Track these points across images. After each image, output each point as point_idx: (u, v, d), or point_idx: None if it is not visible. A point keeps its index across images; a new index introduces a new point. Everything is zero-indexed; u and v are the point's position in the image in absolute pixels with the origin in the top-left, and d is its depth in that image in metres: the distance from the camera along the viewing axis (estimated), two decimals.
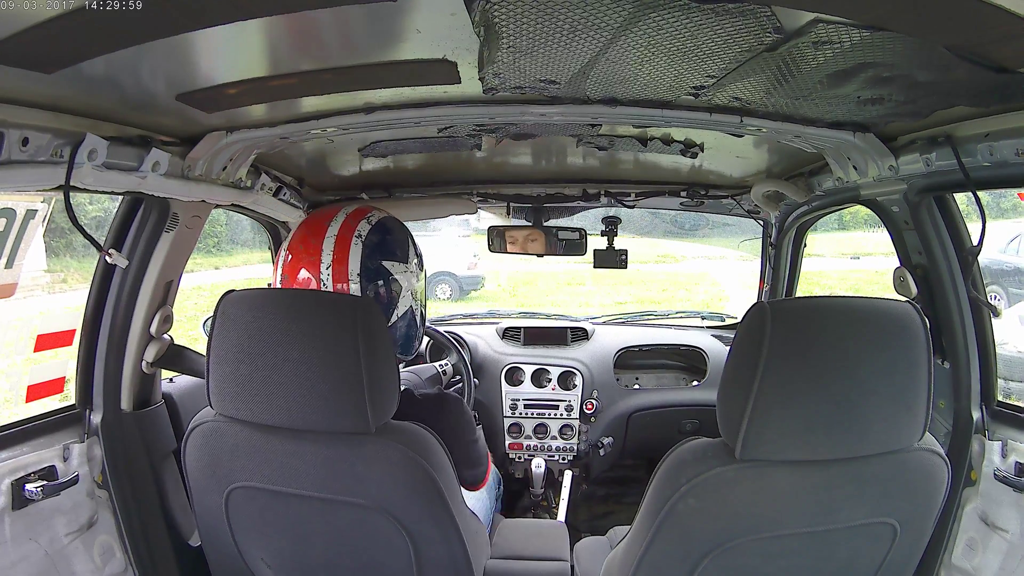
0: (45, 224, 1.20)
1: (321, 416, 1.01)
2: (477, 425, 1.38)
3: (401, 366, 1.92)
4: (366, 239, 1.17)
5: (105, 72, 0.91)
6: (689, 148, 1.65)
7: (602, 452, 2.42)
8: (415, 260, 1.24)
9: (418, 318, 1.27)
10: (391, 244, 1.20)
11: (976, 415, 1.42)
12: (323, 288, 1.15)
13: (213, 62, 0.98)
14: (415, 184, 2.17)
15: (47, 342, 1.49)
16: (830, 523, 1.01)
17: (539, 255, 2.33)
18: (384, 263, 1.17)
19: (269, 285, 1.30)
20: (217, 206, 1.54)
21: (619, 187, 2.19)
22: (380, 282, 1.17)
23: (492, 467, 2.03)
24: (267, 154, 1.49)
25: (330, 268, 1.15)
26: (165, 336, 1.49)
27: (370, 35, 0.91)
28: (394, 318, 1.21)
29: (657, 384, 2.60)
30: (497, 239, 2.32)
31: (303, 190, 1.95)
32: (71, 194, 1.04)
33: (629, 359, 2.58)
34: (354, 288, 1.15)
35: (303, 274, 1.16)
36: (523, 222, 2.34)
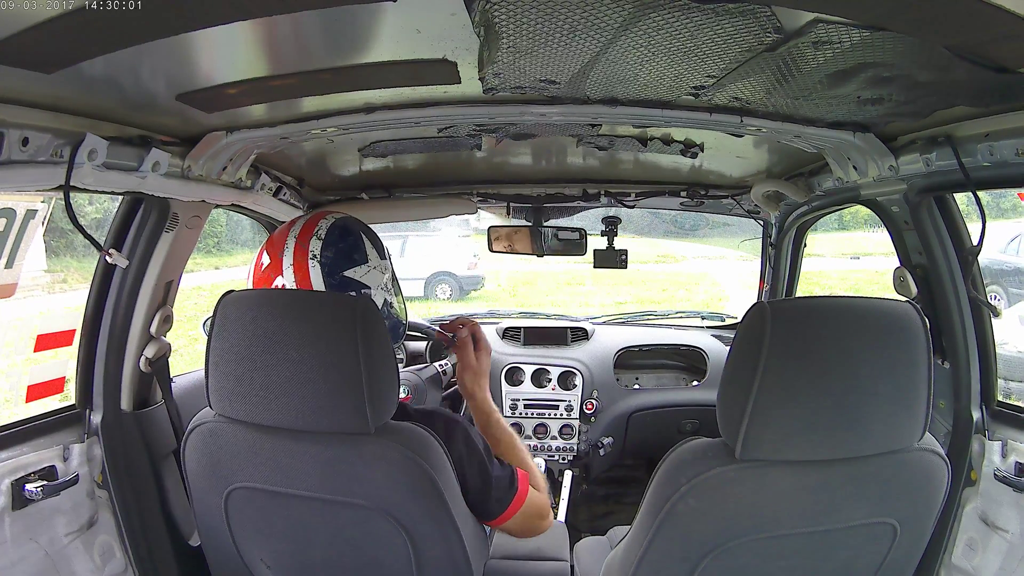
0: (45, 224, 1.20)
1: (320, 416, 1.01)
2: None
3: (400, 366, 1.92)
4: (321, 258, 1.16)
5: (105, 72, 0.91)
6: (689, 148, 1.65)
7: (602, 452, 2.42)
8: (375, 254, 1.22)
9: (396, 307, 1.26)
10: (345, 252, 1.18)
11: (976, 415, 1.42)
12: None
13: (213, 62, 0.97)
14: (415, 184, 2.17)
15: (47, 342, 1.49)
16: (830, 523, 1.01)
17: (539, 255, 2.33)
18: (345, 274, 1.17)
19: None
20: (217, 206, 1.54)
21: (619, 187, 2.19)
22: (346, 293, 1.17)
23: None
24: (267, 154, 1.49)
25: None
26: (163, 338, 1.49)
27: (370, 35, 0.90)
28: None
29: (657, 384, 2.59)
30: (497, 239, 2.32)
31: (303, 190, 1.94)
32: (71, 194, 1.04)
33: (629, 359, 2.57)
34: None
35: None
36: (523, 222, 2.34)
